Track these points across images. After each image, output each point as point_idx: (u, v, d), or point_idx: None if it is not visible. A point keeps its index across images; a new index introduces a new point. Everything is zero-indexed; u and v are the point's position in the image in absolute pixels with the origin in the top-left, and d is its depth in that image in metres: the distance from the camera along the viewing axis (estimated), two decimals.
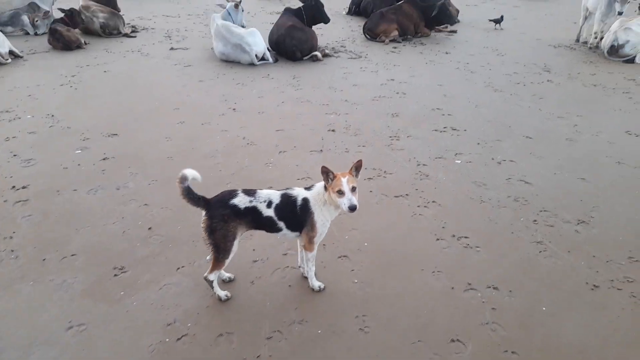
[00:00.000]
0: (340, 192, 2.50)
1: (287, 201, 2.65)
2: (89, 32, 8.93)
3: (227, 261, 2.65)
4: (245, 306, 2.78)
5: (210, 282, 2.73)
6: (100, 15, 8.89)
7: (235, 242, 2.62)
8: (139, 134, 5.02)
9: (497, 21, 10.57)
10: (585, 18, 9.46)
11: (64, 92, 6.14)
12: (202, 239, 2.63)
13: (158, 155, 4.56)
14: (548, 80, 7.13)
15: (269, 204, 2.61)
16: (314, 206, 2.65)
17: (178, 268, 3.07)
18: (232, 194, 2.62)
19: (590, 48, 9.10)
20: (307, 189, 2.72)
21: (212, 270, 2.68)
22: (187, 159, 4.51)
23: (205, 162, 4.44)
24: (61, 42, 7.89)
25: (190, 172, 2.58)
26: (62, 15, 8.36)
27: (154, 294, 2.85)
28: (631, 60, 8.12)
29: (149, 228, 3.46)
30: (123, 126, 5.18)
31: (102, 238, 3.35)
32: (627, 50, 8.14)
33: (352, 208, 2.48)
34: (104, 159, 4.46)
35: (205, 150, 4.68)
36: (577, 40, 9.67)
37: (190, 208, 3.71)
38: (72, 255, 3.17)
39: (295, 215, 2.65)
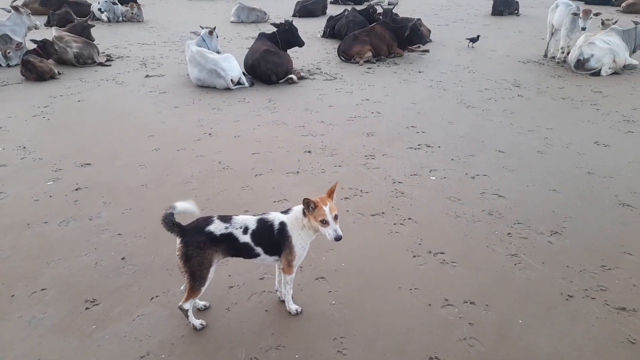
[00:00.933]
0: (324, 222, 2.50)
1: (264, 226, 2.63)
2: (62, 62, 8.88)
3: (203, 289, 2.60)
4: (221, 334, 2.73)
5: (185, 311, 2.68)
6: (73, 45, 8.86)
7: (212, 270, 2.58)
8: (112, 162, 4.96)
9: (473, 40, 10.86)
10: (552, 34, 9.80)
11: (37, 123, 6.06)
12: (177, 266, 2.58)
13: (132, 183, 4.51)
14: (518, 95, 7.32)
15: (245, 230, 2.59)
16: (292, 230, 2.64)
17: (152, 298, 3.01)
18: (208, 220, 2.59)
19: (557, 63, 9.40)
20: (284, 212, 2.71)
21: (187, 299, 2.63)
22: (161, 186, 4.47)
23: (180, 189, 4.40)
24: (34, 73, 7.83)
25: (182, 206, 2.54)
26: (34, 46, 8.31)
27: (127, 325, 2.78)
28: (597, 74, 8.40)
29: (122, 258, 3.39)
30: (97, 155, 5.13)
31: (73, 271, 3.27)
32: (593, 63, 8.42)
33: (338, 239, 2.49)
34: (76, 190, 4.39)
35: (181, 177, 4.65)
36: (545, 56, 9.99)
37: (165, 236, 3.67)
38: (42, 289, 3.08)
39: (272, 239, 2.63)
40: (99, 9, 14.19)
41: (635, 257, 3.41)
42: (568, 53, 9.17)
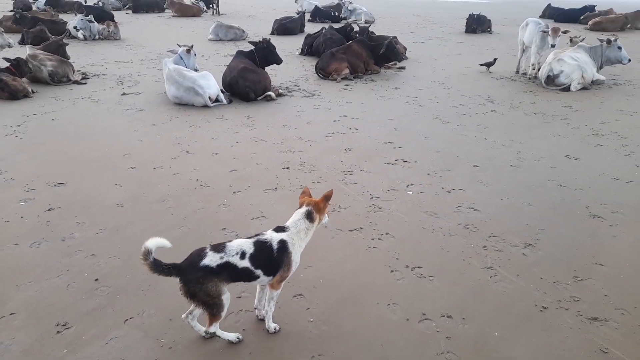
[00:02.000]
0: (327, 212, 2.85)
1: (263, 247, 2.60)
2: (37, 80, 8.75)
3: (224, 313, 2.58)
4: (197, 355, 2.68)
5: (213, 333, 2.67)
6: (48, 64, 8.75)
7: (224, 296, 2.54)
8: (87, 182, 4.88)
9: (489, 64, 10.39)
10: (523, 51, 10.11)
11: (9, 143, 5.94)
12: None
13: (107, 202, 4.44)
14: (492, 111, 7.50)
15: (243, 255, 2.55)
16: (293, 246, 2.65)
17: (126, 320, 2.94)
18: (202, 254, 2.53)
19: (529, 78, 9.69)
20: (279, 230, 2.69)
21: (210, 324, 2.61)
22: (137, 204, 4.40)
23: (157, 207, 4.35)
24: (7, 92, 7.69)
25: (153, 243, 2.45)
26: (7, 64, 8.17)
27: (100, 349, 2.71)
28: (567, 89, 8.68)
29: (96, 279, 3.32)
30: (70, 175, 5.04)
31: (44, 294, 3.18)
32: (562, 79, 8.71)
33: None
34: (49, 210, 4.29)
35: (157, 195, 4.60)
36: (517, 72, 10.28)
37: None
38: (11, 314, 2.98)
39: (272, 259, 2.62)
40: (75, 27, 14.08)
41: (606, 267, 3.50)
42: (538, 69, 9.47)
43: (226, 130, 6.50)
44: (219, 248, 2.56)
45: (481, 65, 10.49)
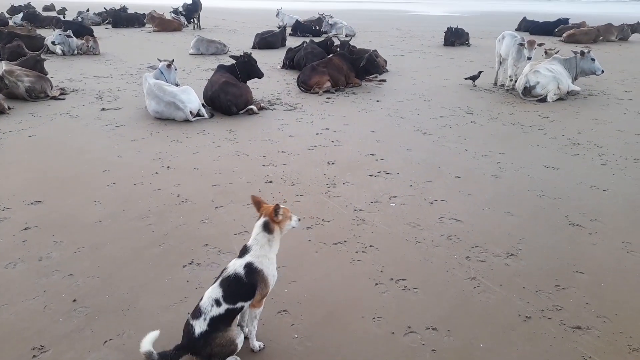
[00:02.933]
0: (290, 216, 2.78)
1: (230, 283, 2.57)
2: (13, 96, 8.57)
3: (238, 349, 2.61)
4: None
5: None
6: (25, 80, 8.60)
7: (238, 340, 2.59)
8: (65, 199, 4.78)
9: (474, 78, 10.36)
10: (500, 63, 10.33)
11: None
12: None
13: (85, 220, 4.34)
14: (472, 122, 7.61)
15: (218, 303, 2.52)
16: (261, 263, 2.62)
17: (105, 341, 2.86)
18: (190, 327, 2.51)
19: (507, 90, 9.89)
20: (242, 255, 2.66)
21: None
22: (117, 222, 4.32)
23: (137, 224, 4.27)
24: None
25: (148, 341, 2.43)
26: None
27: None
28: (544, 100, 8.87)
29: (74, 300, 3.23)
30: (48, 192, 4.92)
31: (20, 316, 3.08)
32: (539, 90, 8.90)
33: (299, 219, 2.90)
34: (25, 229, 4.17)
35: (137, 212, 4.52)
36: (495, 84, 10.49)
37: (120, 274, 3.56)
38: None
39: (245, 286, 2.60)
40: (53, 42, 13.90)
41: (587, 275, 3.54)
42: (516, 81, 9.67)
43: (208, 145, 6.45)
44: (197, 313, 2.53)
45: (466, 79, 10.56)
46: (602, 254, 3.84)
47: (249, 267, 2.60)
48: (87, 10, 26.39)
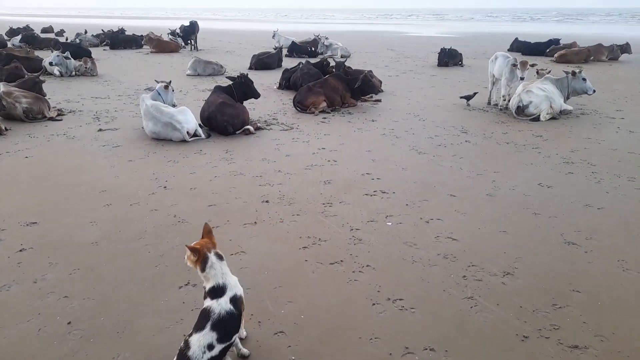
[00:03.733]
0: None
1: (224, 323, 2.57)
2: (11, 117, 8.61)
3: None
4: None
5: None
6: (23, 101, 8.66)
7: None
8: (61, 220, 4.77)
9: (469, 97, 10.46)
10: (493, 83, 10.48)
11: None
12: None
13: (81, 241, 4.33)
14: (466, 141, 7.68)
15: (210, 347, 2.50)
16: (238, 289, 2.72)
17: None
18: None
19: (500, 109, 10.00)
20: (221, 293, 2.65)
21: None
22: (113, 243, 4.31)
23: (133, 245, 4.26)
24: None
25: None
26: None
27: None
28: (537, 119, 8.98)
29: (68, 323, 3.20)
30: (44, 213, 4.91)
31: (13, 340, 3.04)
32: (532, 110, 9.02)
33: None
34: (20, 251, 4.16)
35: (133, 232, 4.51)
36: (489, 103, 10.62)
37: (115, 296, 3.54)
38: None
39: (237, 319, 2.67)
40: (50, 63, 14.02)
41: (584, 294, 3.55)
42: (509, 100, 9.80)
43: (205, 165, 6.48)
44: (184, 349, 2.51)
45: (461, 97, 10.68)
46: (598, 272, 3.85)
47: (234, 299, 2.64)
48: (85, 32, 26.73)
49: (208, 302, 2.62)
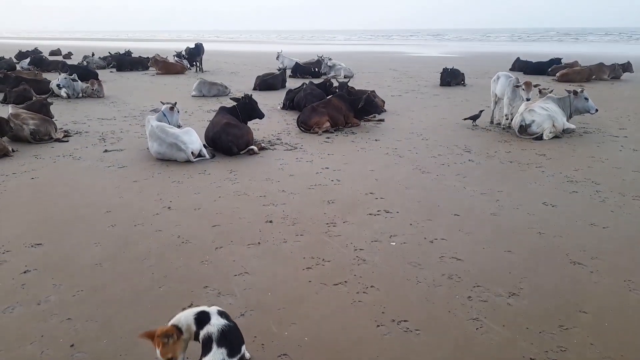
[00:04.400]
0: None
1: (229, 335, 2.57)
2: (18, 139, 8.72)
3: None
4: None
5: None
6: (30, 122, 8.78)
7: None
8: (65, 241, 4.79)
9: (475, 118, 10.41)
10: (495, 103, 10.55)
11: None
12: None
13: (85, 262, 4.34)
14: (469, 160, 7.70)
15: None
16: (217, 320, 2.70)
17: None
18: None
19: (503, 128, 10.05)
20: (207, 318, 2.64)
21: None
22: (117, 264, 4.31)
23: (137, 266, 4.26)
24: None
25: None
26: None
27: None
28: (540, 138, 9.00)
29: (71, 345, 3.19)
30: (49, 235, 4.94)
31: None
32: (534, 128, 9.05)
33: None
34: (24, 272, 4.16)
35: (137, 253, 4.52)
36: (491, 122, 10.67)
37: (118, 318, 3.53)
38: None
39: (238, 329, 2.72)
40: (58, 85, 14.24)
41: (590, 315, 3.51)
42: (511, 119, 9.84)
43: (209, 185, 6.51)
44: None
45: (465, 119, 10.58)
46: (604, 292, 3.81)
47: (220, 312, 2.68)
48: (93, 54, 27.18)
49: (203, 332, 2.59)
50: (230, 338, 2.56)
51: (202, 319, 2.62)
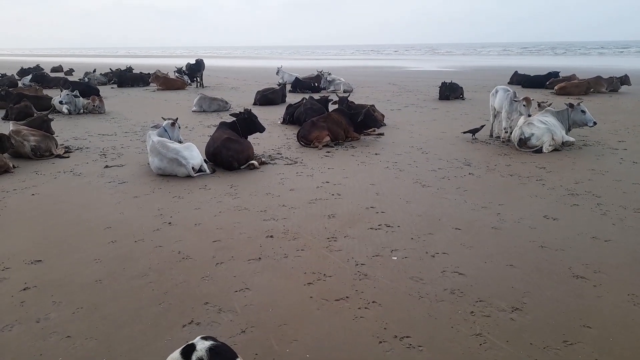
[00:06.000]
0: None
1: (215, 351, 2.52)
2: (19, 155, 8.75)
3: None
4: None
5: None
6: (31, 139, 8.81)
7: None
8: (65, 258, 4.76)
9: (474, 131, 10.46)
10: (494, 116, 10.60)
11: None
12: None
13: (85, 279, 4.31)
14: (469, 174, 7.70)
15: None
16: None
17: None
18: None
19: (503, 142, 10.07)
20: (192, 349, 2.59)
21: None
22: (116, 280, 4.29)
23: (137, 282, 4.24)
24: None
25: None
26: None
27: None
28: (539, 151, 9.02)
29: None
30: (48, 251, 4.91)
31: None
32: (534, 142, 9.08)
33: None
34: (24, 289, 4.14)
35: (137, 270, 4.49)
36: (491, 136, 10.70)
37: (117, 336, 3.49)
38: None
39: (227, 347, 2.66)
40: (60, 101, 14.33)
41: (595, 329, 3.47)
42: (511, 133, 9.88)
43: (209, 200, 6.50)
44: None
45: (465, 132, 10.59)
46: (608, 307, 3.78)
47: (206, 336, 2.65)
48: (94, 70, 27.40)
49: None
50: (221, 352, 2.52)
51: (188, 350, 2.57)
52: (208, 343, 2.55)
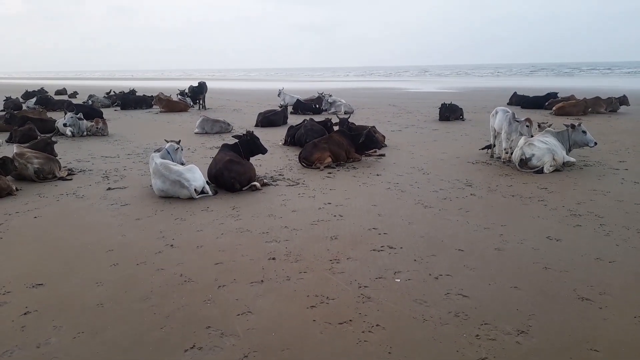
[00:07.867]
0: None
1: None
2: (22, 178, 8.79)
3: None
4: None
5: None
6: (35, 161, 8.86)
7: None
8: (67, 281, 4.74)
9: (490, 147, 10.83)
10: (494, 137, 10.66)
11: None
12: None
13: (87, 303, 4.28)
14: (471, 194, 7.71)
15: None
16: None
17: None
18: None
19: (503, 162, 10.10)
20: None
21: None
22: (118, 304, 4.26)
23: (139, 306, 4.21)
24: None
25: None
26: None
27: None
28: (540, 171, 9.04)
29: None
30: (50, 274, 4.90)
31: None
32: (535, 162, 9.10)
33: None
34: (25, 314, 4.11)
35: (139, 293, 4.46)
36: (491, 156, 10.74)
37: None
38: None
39: None
40: (64, 124, 14.46)
41: (602, 353, 3.43)
42: (511, 153, 9.92)
43: (211, 222, 6.50)
44: None
45: (481, 149, 11.08)
46: (615, 329, 3.74)
47: None
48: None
49: None
50: None
51: None
52: None
